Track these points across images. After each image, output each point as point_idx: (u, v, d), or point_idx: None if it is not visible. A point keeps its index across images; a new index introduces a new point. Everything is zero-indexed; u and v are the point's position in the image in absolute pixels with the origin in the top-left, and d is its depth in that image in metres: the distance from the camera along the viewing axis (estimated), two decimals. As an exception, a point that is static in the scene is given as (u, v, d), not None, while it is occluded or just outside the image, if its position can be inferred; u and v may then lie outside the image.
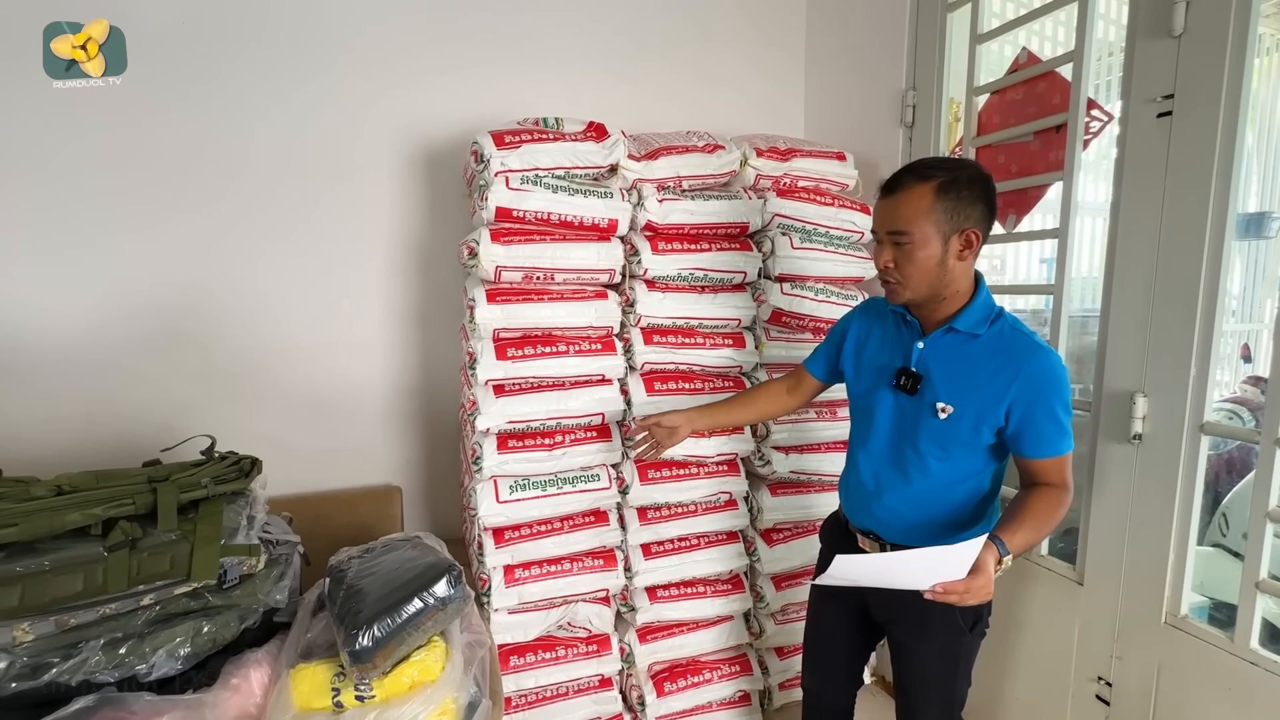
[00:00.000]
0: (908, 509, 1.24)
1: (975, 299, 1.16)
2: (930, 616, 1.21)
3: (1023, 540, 1.08)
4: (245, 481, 1.23)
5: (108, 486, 1.10)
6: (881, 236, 1.15)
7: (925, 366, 1.19)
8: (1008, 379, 1.11)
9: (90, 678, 1.01)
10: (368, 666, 1.08)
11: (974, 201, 1.09)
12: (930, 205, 1.08)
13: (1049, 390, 1.10)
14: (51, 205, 1.62)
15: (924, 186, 1.09)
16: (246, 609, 1.15)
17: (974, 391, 1.14)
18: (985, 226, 1.12)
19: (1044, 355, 1.10)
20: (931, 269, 1.11)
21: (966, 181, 1.09)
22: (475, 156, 1.56)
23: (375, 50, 1.84)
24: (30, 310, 1.64)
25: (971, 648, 1.25)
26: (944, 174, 1.09)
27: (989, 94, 1.71)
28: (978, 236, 1.11)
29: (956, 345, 1.17)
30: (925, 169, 1.11)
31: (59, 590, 0.99)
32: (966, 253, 1.12)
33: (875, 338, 1.31)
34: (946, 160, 1.14)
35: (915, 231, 1.09)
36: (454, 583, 1.17)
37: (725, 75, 2.20)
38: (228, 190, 1.76)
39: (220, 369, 1.81)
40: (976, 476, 1.20)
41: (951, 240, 1.10)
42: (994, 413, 1.12)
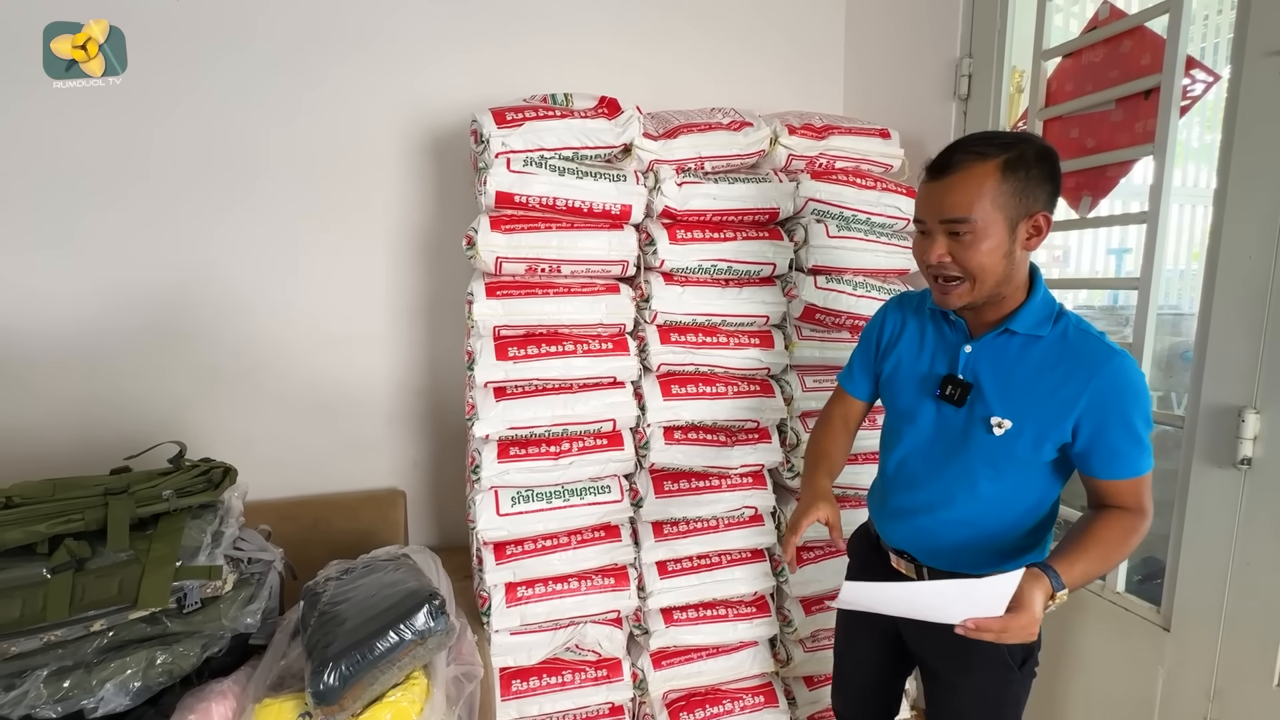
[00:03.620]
0: (949, 532, 1.07)
1: (1034, 295, 1.00)
2: (973, 649, 1.02)
3: (1083, 573, 0.92)
4: (214, 494, 1.12)
5: (60, 499, 1.01)
6: (930, 226, 0.97)
7: (975, 374, 1.02)
8: (1076, 388, 0.94)
9: (32, 712, 0.92)
10: (334, 708, 0.96)
11: (1043, 180, 0.93)
12: (996, 187, 0.92)
13: (1127, 401, 0.93)
14: (51, 203, 1.57)
15: (986, 165, 0.92)
16: (210, 635, 1.04)
17: (1036, 404, 0.97)
18: (1053, 209, 0.96)
19: (1119, 360, 0.94)
20: (998, 262, 0.94)
21: (1034, 158, 0.93)
22: (475, 137, 1.42)
23: (378, 32, 1.73)
24: (28, 307, 1.59)
25: (1020, 689, 1.08)
26: (1007, 150, 0.92)
27: (1060, 58, 1.48)
28: (1048, 221, 0.95)
29: (1014, 350, 1.00)
30: (982, 145, 0.94)
31: (-5, 616, 0.90)
32: (1035, 240, 0.96)
33: (910, 338, 1.14)
34: (1003, 134, 0.97)
35: (978, 219, 0.92)
36: (435, 614, 1.04)
37: (755, 47, 2.00)
38: (228, 186, 1.68)
39: (220, 366, 1.73)
40: (1033, 499, 1.03)
41: (1020, 227, 0.94)
42: (1060, 428, 0.96)
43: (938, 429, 1.07)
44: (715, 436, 1.59)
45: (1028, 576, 0.88)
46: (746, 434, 1.62)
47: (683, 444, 1.56)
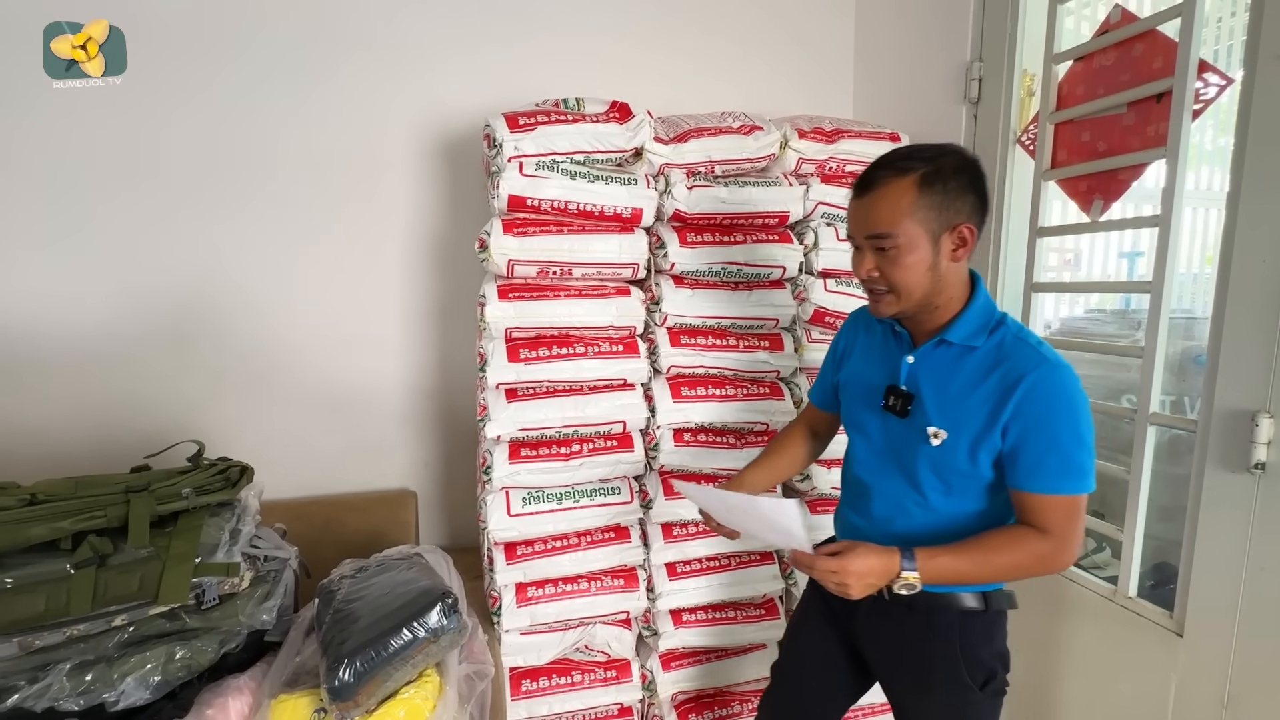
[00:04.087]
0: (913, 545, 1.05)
1: (971, 305, 1.00)
2: (932, 667, 1.04)
3: (946, 567, 0.93)
4: (232, 492, 1.14)
5: (83, 496, 1.03)
6: (860, 242, 0.99)
7: (915, 384, 1.02)
8: (1005, 396, 0.93)
9: (55, 704, 0.94)
10: (349, 704, 0.97)
11: (963, 192, 0.94)
12: (915, 201, 0.93)
13: (1053, 411, 0.91)
14: (62, 206, 1.60)
15: (905, 180, 0.93)
16: (228, 632, 1.06)
17: (969, 413, 0.96)
18: (979, 220, 0.97)
19: (1049, 368, 0.92)
20: (923, 274, 0.95)
21: (953, 170, 0.94)
22: (488, 141, 1.44)
23: (389, 36, 1.75)
24: (43, 310, 1.62)
25: (984, 711, 1.06)
26: (925, 164, 0.94)
27: (1071, 61, 1.48)
28: (972, 232, 0.96)
29: (950, 359, 1.00)
30: (902, 160, 0.95)
31: (20, 610, 0.92)
32: (961, 252, 0.96)
33: (860, 350, 1.16)
34: (924, 148, 0.98)
35: (900, 233, 0.94)
36: (448, 612, 1.05)
37: (765, 50, 2.01)
38: (238, 188, 1.70)
39: (232, 367, 1.76)
40: (991, 516, 1.01)
41: (943, 239, 0.95)
42: (991, 437, 0.95)
43: (885, 440, 1.07)
44: (724, 439, 1.59)
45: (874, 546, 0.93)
46: (756, 436, 1.62)
47: (692, 446, 1.57)
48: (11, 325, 1.58)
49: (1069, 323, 2.02)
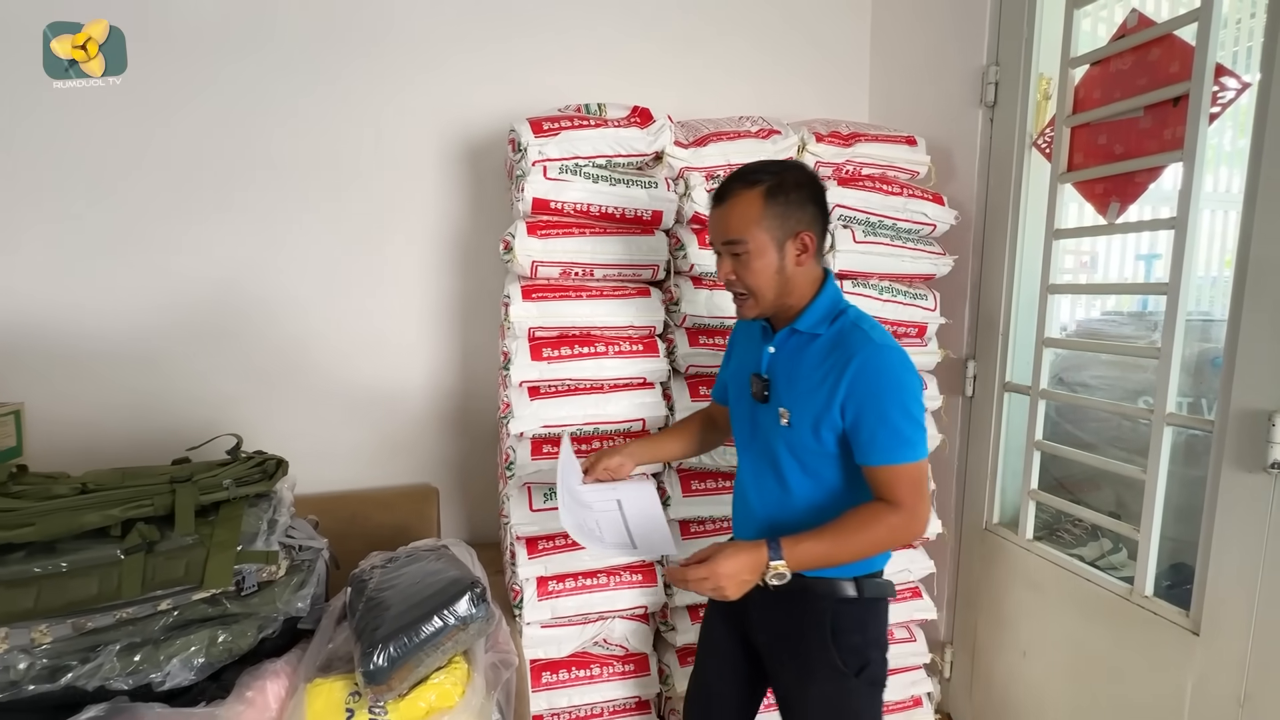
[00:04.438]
0: (783, 530, 1.08)
1: (817, 299, 1.09)
2: (810, 655, 1.09)
3: (810, 551, 0.99)
4: (269, 483, 1.18)
5: (131, 486, 1.08)
6: (718, 248, 1.10)
7: (773, 371, 1.12)
8: (839, 376, 1.02)
9: (106, 683, 0.98)
10: (383, 688, 1.01)
11: (804, 203, 1.05)
12: (761, 211, 1.03)
13: (878, 387, 1.00)
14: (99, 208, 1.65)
15: (752, 192, 1.04)
16: (265, 618, 1.10)
17: (809, 393, 1.05)
18: (819, 228, 1.07)
19: (874, 349, 1.01)
20: (771, 277, 1.06)
21: (794, 184, 1.05)
22: (512, 145, 1.48)
23: (412, 40, 1.80)
24: (84, 308, 1.67)
25: (861, 700, 1.10)
26: (770, 177, 1.04)
27: (1088, 65, 1.49)
28: (813, 239, 1.06)
29: (799, 347, 1.10)
30: (751, 174, 1.06)
31: (75, 593, 0.96)
32: (804, 257, 1.06)
33: (740, 347, 1.26)
34: (771, 163, 1.10)
35: (749, 240, 1.04)
36: (476, 601, 1.08)
37: (781, 54, 2.04)
38: (266, 189, 1.76)
39: (262, 365, 1.81)
40: (849, 493, 1.07)
41: (787, 246, 1.05)
42: (831, 414, 1.03)
43: (753, 428, 1.16)
44: (742, 437, 1.62)
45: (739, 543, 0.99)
46: (773, 435, 1.65)
47: (710, 444, 1.59)
48: (55, 325, 1.64)
49: (1085, 325, 2.02)
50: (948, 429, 1.82)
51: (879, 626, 1.13)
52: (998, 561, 1.74)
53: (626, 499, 1.28)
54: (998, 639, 1.75)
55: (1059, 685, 1.56)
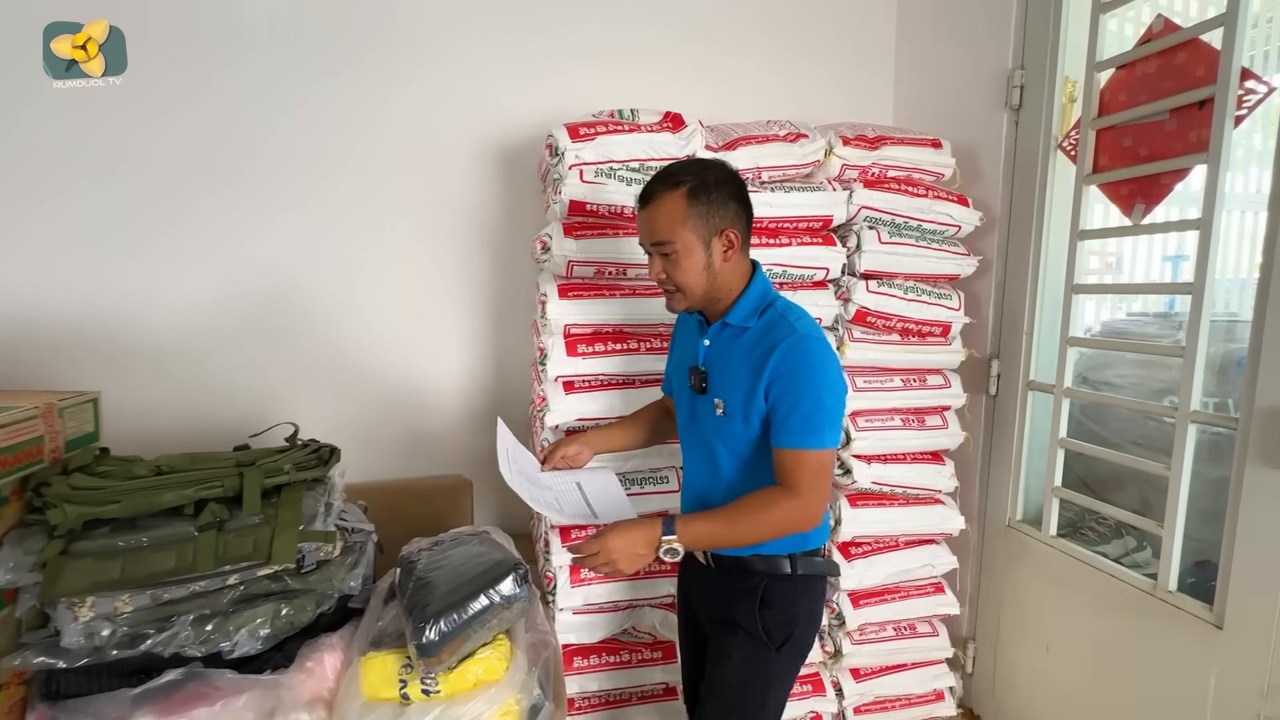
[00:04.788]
0: None
1: (745, 293, 1.13)
2: (738, 626, 1.14)
3: (702, 530, 1.05)
4: (324, 469, 1.26)
5: (201, 469, 1.16)
6: (648, 249, 1.13)
7: (709, 364, 1.16)
8: (764, 361, 1.06)
9: (180, 651, 1.06)
10: (434, 661, 1.08)
11: (726, 201, 1.08)
12: (685, 211, 1.07)
13: (796, 373, 1.03)
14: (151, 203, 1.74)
15: (675, 194, 1.07)
16: (322, 594, 1.17)
17: (739, 382, 1.09)
18: (742, 224, 1.11)
19: (795, 338, 1.05)
20: (699, 274, 1.10)
21: (715, 183, 1.08)
22: (550, 150, 1.54)
23: (451, 47, 1.87)
24: (142, 306, 1.76)
25: (777, 669, 1.15)
26: (692, 178, 1.08)
27: (1114, 69, 1.52)
28: (737, 235, 1.10)
29: (730, 339, 1.14)
30: (673, 175, 1.09)
31: (155, 566, 1.04)
32: (731, 253, 1.10)
33: (680, 342, 1.30)
34: (693, 163, 1.14)
35: (676, 240, 1.08)
36: (520, 581, 1.15)
37: (807, 60, 2.09)
38: (308, 190, 1.83)
39: (305, 362, 1.89)
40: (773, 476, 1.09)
41: (713, 243, 1.09)
42: (757, 399, 1.07)
43: (692, 417, 1.21)
44: (768, 432, 1.67)
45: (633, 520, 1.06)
46: (798, 431, 1.69)
47: (737, 439, 1.64)
48: (117, 321, 1.74)
49: (1110, 325, 2.03)
50: (971, 427, 1.85)
51: (811, 603, 1.17)
52: (1021, 558, 1.76)
53: (586, 481, 1.33)
54: (1020, 634, 1.77)
55: (1081, 679, 1.58)
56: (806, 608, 1.17)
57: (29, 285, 1.68)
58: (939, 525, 1.80)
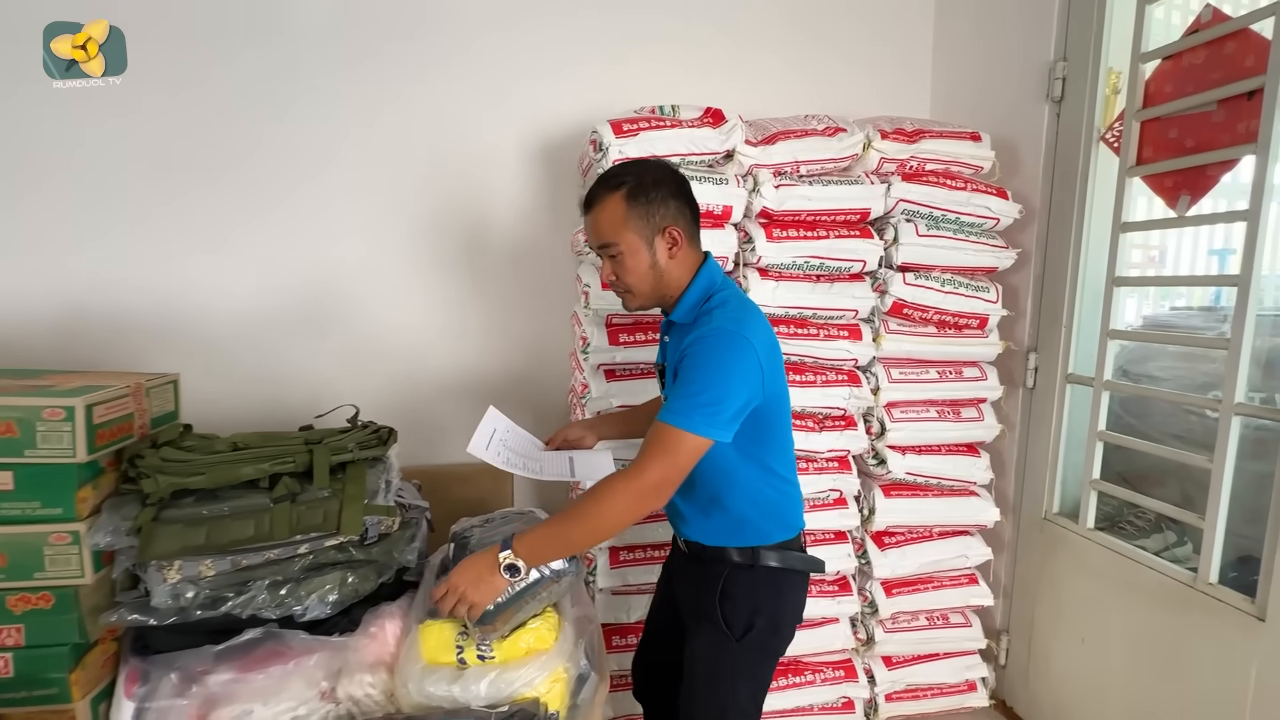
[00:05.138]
0: (683, 505, 1.18)
1: (689, 289, 1.13)
2: (704, 615, 1.15)
3: (539, 537, 1.05)
4: (384, 449, 1.33)
5: (273, 446, 1.24)
6: (596, 252, 1.14)
7: (667, 361, 1.19)
8: (683, 358, 1.06)
9: (257, 613, 1.15)
10: (489, 628, 1.14)
11: (665, 199, 1.09)
12: (625, 213, 1.08)
13: (696, 360, 1.02)
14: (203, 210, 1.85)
15: (615, 196, 1.08)
16: (383, 565, 1.25)
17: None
18: (684, 221, 1.11)
19: (710, 330, 1.04)
20: (646, 273, 1.11)
21: (653, 182, 1.09)
22: (594, 145, 1.59)
23: (494, 44, 1.93)
24: (209, 297, 1.87)
25: (740, 660, 1.13)
26: (630, 179, 1.08)
27: (1159, 60, 1.51)
28: (680, 232, 1.10)
29: (679, 336, 1.13)
30: (613, 178, 1.10)
31: (235, 534, 1.12)
32: (675, 250, 1.11)
33: (663, 339, 1.28)
34: (631, 164, 1.15)
35: (620, 241, 1.09)
36: (571, 556, 1.20)
37: (844, 52, 2.10)
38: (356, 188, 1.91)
39: (355, 351, 1.98)
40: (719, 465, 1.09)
41: (656, 242, 1.10)
42: None
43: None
44: (804, 422, 1.70)
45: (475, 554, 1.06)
46: (834, 420, 1.72)
47: (773, 427, 1.68)
48: (191, 312, 1.86)
49: (1153, 319, 2.01)
50: (1007, 420, 1.85)
51: (774, 595, 1.15)
52: (1057, 551, 1.77)
53: (578, 456, 1.36)
54: (1056, 627, 1.78)
55: (1118, 672, 1.59)
56: (769, 599, 1.14)
57: (112, 277, 1.81)
58: (973, 517, 1.81)
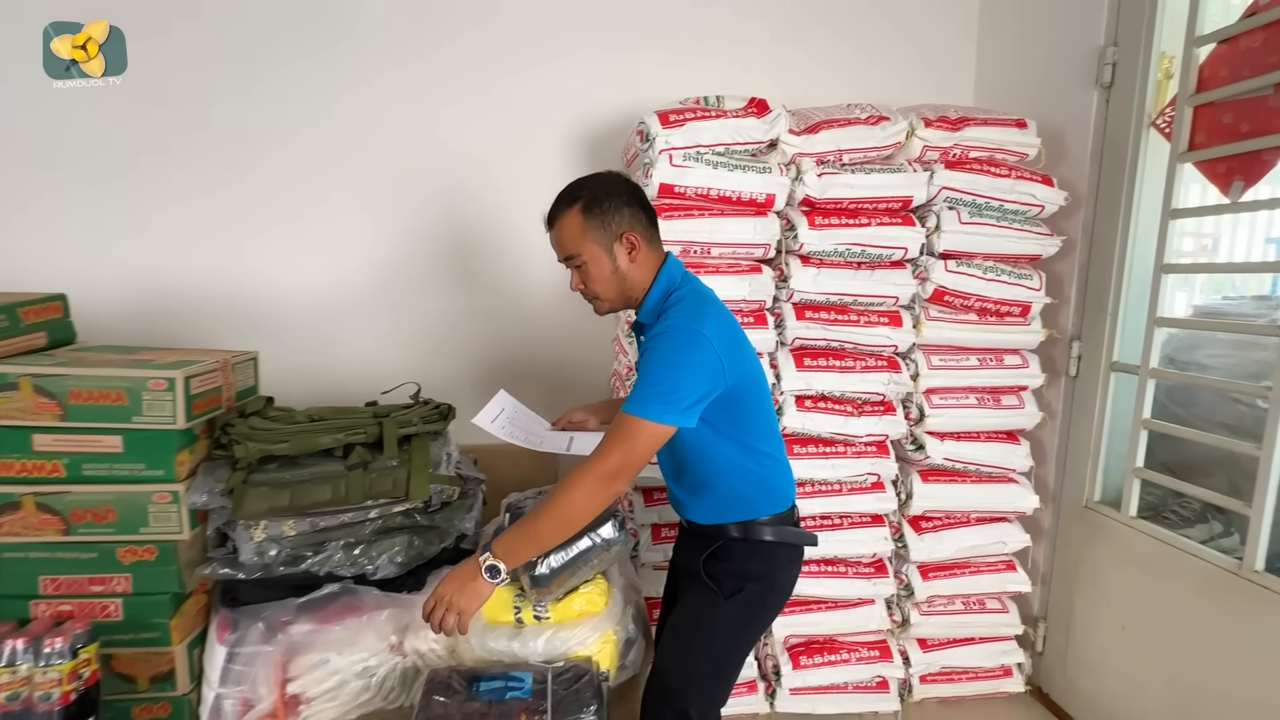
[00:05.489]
0: (678, 491, 1.25)
1: (650, 292, 1.17)
2: (692, 576, 1.20)
3: (512, 537, 1.07)
4: (444, 424, 1.42)
5: (345, 418, 1.34)
6: (563, 263, 1.19)
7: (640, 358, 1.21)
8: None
9: (333, 570, 1.25)
10: (545, 591, 1.22)
11: (619, 207, 1.13)
12: (583, 225, 1.13)
13: (654, 354, 1.06)
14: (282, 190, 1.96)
15: (572, 210, 1.14)
16: (444, 531, 1.34)
17: None
18: (640, 225, 1.15)
19: (665, 323, 1.09)
20: (609, 280, 1.16)
21: (606, 193, 1.14)
22: (641, 136, 1.65)
23: (538, 41, 2.00)
24: (276, 283, 2.00)
25: (724, 616, 1.17)
26: (585, 192, 1.14)
27: (1214, 44, 1.49)
28: (637, 237, 1.14)
29: (644, 336, 1.20)
30: (569, 192, 1.16)
31: (315, 497, 1.23)
32: (635, 254, 1.15)
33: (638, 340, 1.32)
34: (584, 179, 1.18)
35: (582, 252, 1.14)
36: (619, 527, 1.27)
37: (886, 39, 2.10)
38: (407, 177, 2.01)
39: (408, 333, 2.08)
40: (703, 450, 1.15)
41: (615, 249, 1.14)
42: None
43: None
44: (843, 406, 1.73)
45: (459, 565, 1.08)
46: (873, 406, 1.75)
47: (813, 412, 1.72)
48: (265, 295, 1.99)
49: (1204, 308, 1.97)
50: (1048, 407, 1.85)
51: (765, 566, 1.18)
52: (1097, 539, 1.77)
53: (579, 435, 1.39)
54: (1095, 615, 1.78)
55: (1159, 660, 1.59)
56: (759, 569, 1.18)
57: (184, 265, 1.95)
58: (1012, 503, 1.82)
